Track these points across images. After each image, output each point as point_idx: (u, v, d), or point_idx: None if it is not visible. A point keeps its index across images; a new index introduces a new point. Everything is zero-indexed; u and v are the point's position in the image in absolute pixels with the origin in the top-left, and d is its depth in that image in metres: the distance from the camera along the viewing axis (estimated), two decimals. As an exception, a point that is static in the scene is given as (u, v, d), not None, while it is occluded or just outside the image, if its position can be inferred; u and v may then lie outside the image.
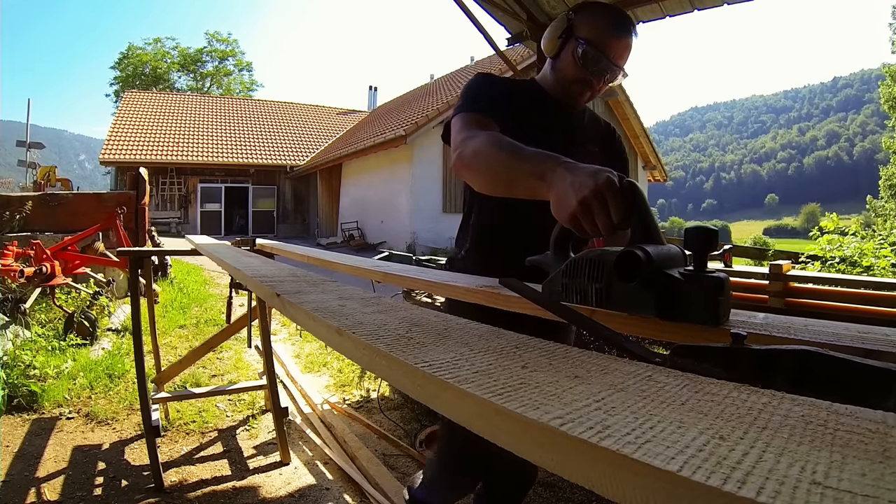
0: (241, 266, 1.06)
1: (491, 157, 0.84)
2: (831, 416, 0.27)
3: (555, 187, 0.65)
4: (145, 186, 5.85)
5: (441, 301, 2.68)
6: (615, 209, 0.58)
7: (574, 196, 0.60)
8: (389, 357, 0.39)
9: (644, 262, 0.53)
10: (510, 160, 0.78)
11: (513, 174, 0.77)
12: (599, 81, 1.07)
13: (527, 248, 1.09)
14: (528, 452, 0.26)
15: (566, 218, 0.62)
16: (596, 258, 0.60)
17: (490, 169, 0.84)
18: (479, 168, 0.87)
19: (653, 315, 0.55)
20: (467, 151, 0.90)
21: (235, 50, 35.32)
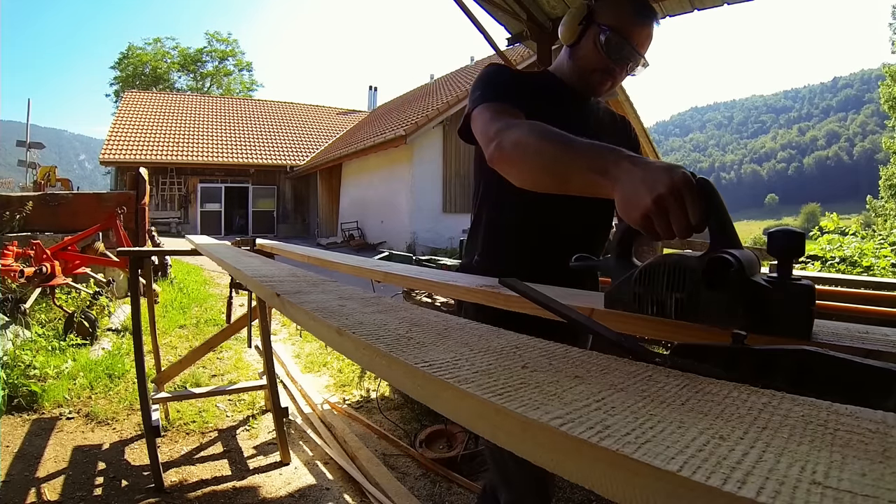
0: (241, 266, 1.06)
1: (539, 148, 0.75)
2: (831, 416, 0.27)
3: (621, 184, 0.59)
4: (145, 186, 5.85)
5: (441, 301, 2.68)
6: (693, 209, 0.53)
7: (648, 194, 0.55)
8: (389, 357, 0.39)
9: (736, 268, 0.48)
10: (562, 153, 0.71)
11: (566, 168, 0.70)
12: (622, 70, 1.03)
13: (550, 250, 1.06)
14: (529, 452, 0.26)
15: (637, 218, 0.57)
16: (676, 264, 0.54)
17: (538, 162, 0.76)
18: (525, 161, 0.79)
19: (741, 327, 0.48)
20: (508, 143, 0.81)
21: (235, 50, 35.34)
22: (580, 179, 0.68)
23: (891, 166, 17.16)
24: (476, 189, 1.16)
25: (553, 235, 1.08)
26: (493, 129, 0.87)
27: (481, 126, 0.92)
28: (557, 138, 0.74)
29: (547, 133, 0.77)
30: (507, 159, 0.83)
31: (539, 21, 4.95)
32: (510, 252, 1.10)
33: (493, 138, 0.85)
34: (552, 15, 4.85)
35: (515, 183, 0.83)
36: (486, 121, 0.91)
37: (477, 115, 0.96)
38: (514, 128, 0.83)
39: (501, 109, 0.93)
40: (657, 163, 0.58)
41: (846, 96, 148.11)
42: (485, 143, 0.88)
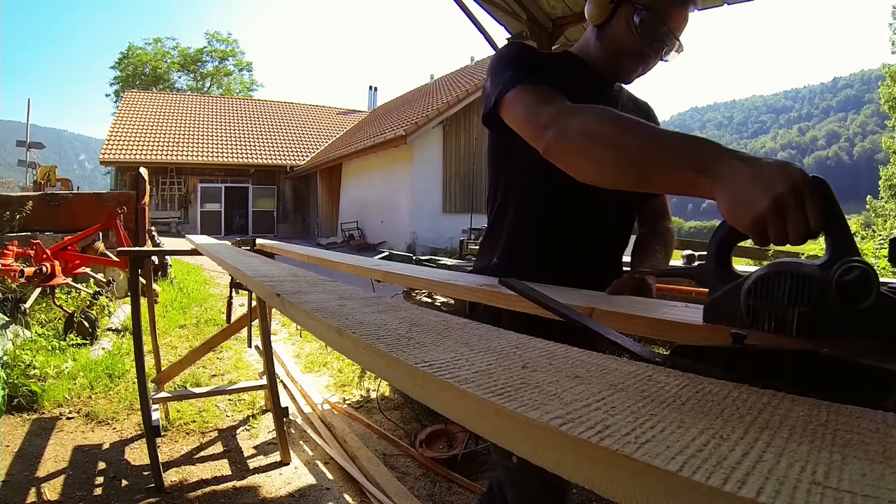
0: (242, 266, 1.06)
1: (617, 139, 0.66)
2: (831, 416, 0.27)
3: (726, 182, 0.53)
4: (145, 186, 5.85)
5: (442, 301, 2.68)
6: (813, 211, 0.47)
7: (763, 194, 0.49)
8: (389, 357, 0.39)
9: (877, 280, 0.43)
10: (648, 145, 0.63)
11: (652, 163, 0.62)
12: (656, 55, 0.93)
13: (585, 252, 0.99)
14: (529, 452, 0.26)
15: (750, 221, 0.50)
16: (799, 274, 0.48)
17: (615, 155, 0.66)
18: (597, 153, 0.68)
19: (875, 347, 0.44)
20: (572, 131, 0.71)
21: (235, 50, 35.35)
22: (670, 177, 0.60)
23: (891, 166, 17.15)
24: (495, 186, 1.05)
25: (600, 238, 1.03)
26: (546, 114, 0.76)
27: (524, 111, 0.81)
28: (639, 127, 0.66)
29: (623, 121, 0.68)
30: (573, 150, 0.72)
31: (539, 21, 4.95)
32: (531, 255, 1.01)
33: (548, 125, 0.74)
34: (552, 15, 4.85)
35: (579, 177, 0.73)
36: (531, 105, 0.80)
37: (513, 100, 0.84)
38: (577, 114, 0.73)
39: (544, 92, 0.82)
40: (767, 159, 0.52)
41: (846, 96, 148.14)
42: (534, 131, 0.78)
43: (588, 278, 0.93)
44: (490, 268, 1.04)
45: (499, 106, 0.88)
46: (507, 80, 0.86)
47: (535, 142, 0.78)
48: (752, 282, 0.50)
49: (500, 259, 1.03)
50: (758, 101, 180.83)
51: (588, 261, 1.00)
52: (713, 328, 0.53)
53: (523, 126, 0.82)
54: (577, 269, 0.97)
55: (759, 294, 0.50)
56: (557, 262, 1.00)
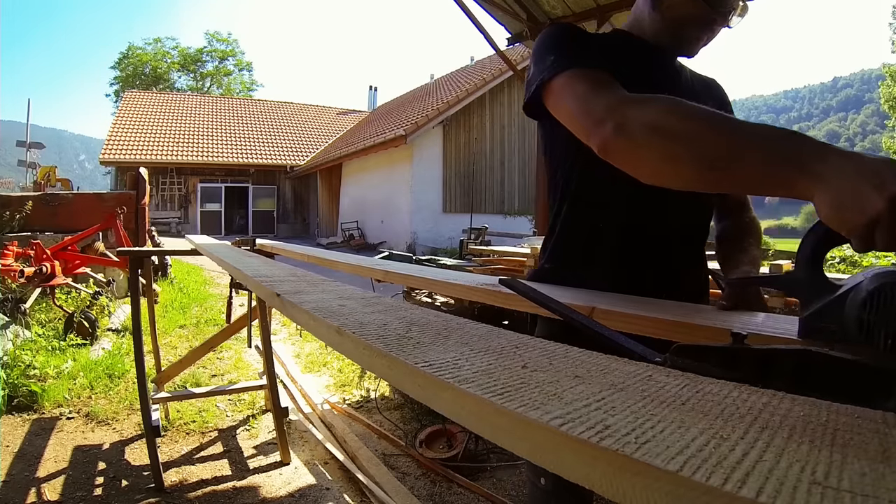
0: (242, 266, 1.06)
1: (692, 134, 0.57)
2: (831, 416, 0.27)
3: (830, 182, 0.47)
4: (145, 186, 5.86)
5: (442, 301, 2.68)
6: None
7: (877, 194, 0.43)
8: (389, 357, 0.39)
9: None
10: (730, 139, 0.55)
11: (738, 161, 0.54)
12: (723, 20, 0.83)
13: (656, 256, 0.87)
14: (529, 452, 0.26)
15: (860, 225, 0.44)
16: None
17: (691, 153, 0.57)
18: (667, 151, 0.59)
19: None
20: (636, 125, 0.62)
21: (235, 50, 35.35)
22: (758, 176, 0.53)
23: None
24: (553, 181, 0.93)
25: (668, 240, 0.89)
26: (601, 105, 0.67)
27: (575, 101, 0.71)
28: (717, 119, 0.57)
29: (698, 112, 0.59)
30: (637, 148, 0.62)
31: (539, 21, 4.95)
32: (587, 257, 0.88)
33: (604, 118, 0.65)
34: (552, 15, 4.85)
35: (644, 179, 0.63)
36: (583, 94, 0.71)
37: (562, 87, 0.74)
38: (640, 104, 0.64)
39: (598, 78, 0.72)
40: (869, 155, 0.47)
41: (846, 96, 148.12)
42: (587, 125, 0.68)
43: (664, 282, 0.84)
44: (538, 274, 0.93)
45: (543, 93, 0.78)
46: (553, 64, 0.75)
47: (588, 137, 0.68)
48: (868, 294, 0.44)
49: (553, 262, 0.92)
50: (758, 100, 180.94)
51: (660, 260, 0.87)
52: (714, 328, 0.53)
53: (573, 118, 0.72)
54: (650, 270, 0.85)
55: (877, 308, 0.43)
56: (621, 263, 0.87)
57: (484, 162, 12.52)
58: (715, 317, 0.60)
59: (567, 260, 0.90)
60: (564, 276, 0.88)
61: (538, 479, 0.84)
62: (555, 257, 0.92)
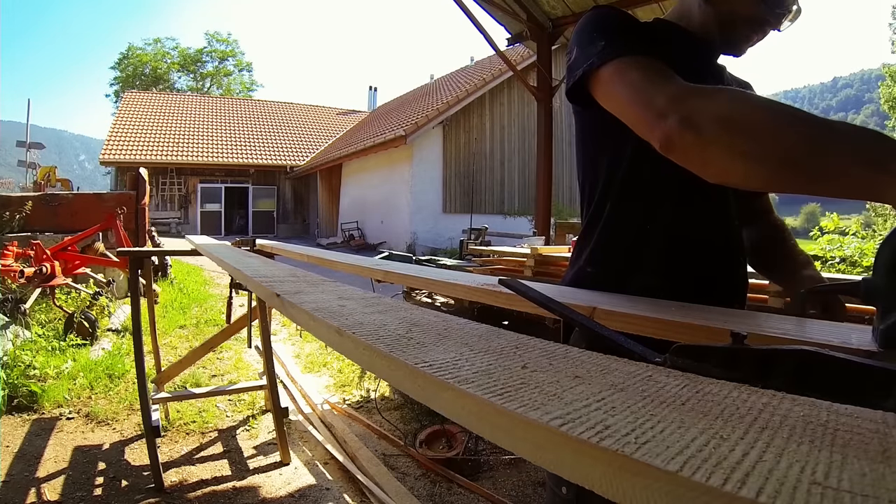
0: (242, 266, 1.06)
1: (769, 130, 0.52)
2: (831, 416, 0.27)
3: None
4: (145, 186, 5.86)
5: (441, 301, 2.68)
6: None
7: None
8: (389, 357, 0.39)
9: None
10: (812, 137, 0.50)
11: (821, 160, 0.49)
12: (776, 22, 0.78)
13: (703, 260, 0.82)
14: (529, 453, 0.26)
15: None
16: None
17: (768, 151, 0.52)
18: (742, 147, 0.53)
19: None
20: (702, 118, 0.56)
21: (235, 50, 35.37)
22: (842, 177, 0.48)
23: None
24: (592, 175, 0.86)
25: (721, 242, 0.84)
26: (662, 96, 0.61)
27: (632, 91, 0.65)
28: (796, 114, 0.52)
29: (773, 106, 0.54)
30: (707, 144, 0.56)
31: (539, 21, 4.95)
32: (634, 260, 0.81)
33: (667, 111, 0.59)
34: (552, 15, 4.86)
35: (713, 178, 0.58)
36: (640, 83, 0.64)
37: (613, 75, 0.68)
38: (707, 96, 0.59)
39: (654, 67, 0.65)
40: None
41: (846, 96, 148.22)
42: (649, 117, 0.61)
43: (707, 288, 0.80)
44: (578, 278, 0.86)
45: (590, 81, 0.72)
46: (603, 50, 0.69)
47: (647, 131, 0.62)
48: None
49: (594, 266, 0.85)
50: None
51: (705, 265, 0.82)
52: (715, 329, 0.53)
53: (628, 110, 0.66)
54: (696, 275, 0.81)
55: None
56: (669, 267, 0.81)
57: (484, 162, 12.52)
58: (715, 317, 0.60)
59: (610, 263, 0.83)
60: (609, 281, 0.81)
61: (559, 487, 0.81)
62: (595, 260, 0.84)
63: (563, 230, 4.24)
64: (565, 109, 13.81)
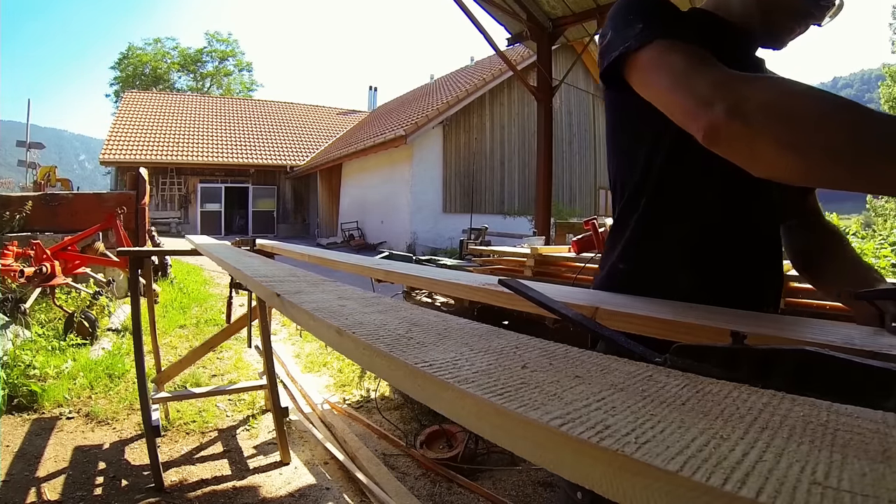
0: (242, 266, 1.06)
1: (820, 120, 0.49)
2: (831, 416, 0.27)
3: None
4: (145, 186, 5.86)
5: (442, 301, 2.68)
6: None
7: None
8: (389, 357, 0.39)
9: None
10: (866, 129, 0.47)
11: (877, 154, 0.46)
12: (820, 15, 0.74)
13: (743, 259, 0.77)
14: (529, 452, 0.26)
15: None
16: None
17: (819, 142, 0.49)
18: (794, 136, 0.50)
19: None
20: (750, 107, 0.53)
21: (235, 50, 35.38)
22: (891, 171, 0.45)
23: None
24: (625, 167, 0.81)
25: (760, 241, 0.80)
26: (707, 82, 0.57)
27: (672, 77, 0.61)
28: (848, 106, 0.49)
29: (825, 97, 0.51)
30: (755, 134, 0.52)
31: (539, 21, 4.95)
32: (670, 258, 0.77)
33: (712, 99, 0.55)
34: (552, 15, 4.86)
35: (758, 170, 0.55)
36: (683, 69, 0.60)
37: (652, 59, 0.64)
38: (753, 84, 0.55)
39: (696, 53, 0.61)
40: None
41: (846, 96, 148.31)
42: (692, 105, 0.58)
43: (748, 289, 0.76)
44: (611, 275, 0.82)
45: (625, 65, 0.68)
46: (641, 33, 0.66)
47: (689, 120, 0.58)
48: None
49: (627, 263, 0.80)
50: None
51: (746, 264, 0.78)
52: (714, 328, 0.53)
53: (668, 97, 0.62)
54: (737, 275, 0.77)
55: None
56: (708, 266, 0.76)
57: (484, 162, 12.53)
58: (715, 317, 0.60)
59: (645, 260, 0.78)
60: (643, 279, 0.77)
61: (574, 493, 0.79)
62: (628, 257, 0.80)
63: (563, 230, 4.24)
64: (565, 109, 13.83)
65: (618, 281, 0.79)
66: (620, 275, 0.80)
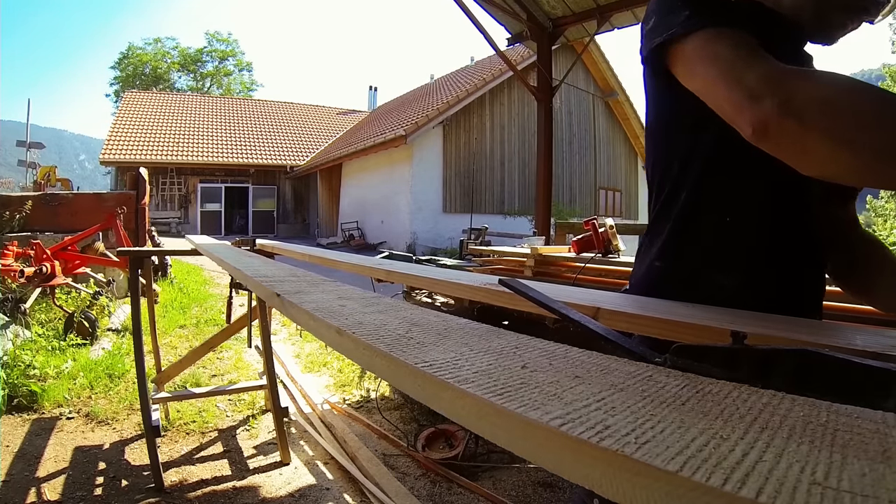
0: (242, 266, 1.06)
1: (881, 118, 0.48)
2: (831, 416, 0.27)
3: None
4: (145, 186, 5.86)
5: (442, 301, 2.68)
6: None
7: None
8: (389, 357, 0.39)
9: None
10: None
11: None
12: (875, 11, 0.71)
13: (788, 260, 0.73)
14: (529, 452, 0.26)
15: None
16: None
17: (879, 139, 0.47)
18: (849, 134, 0.49)
19: None
20: (805, 100, 0.51)
21: (235, 50, 35.39)
22: None
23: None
24: (666, 158, 0.77)
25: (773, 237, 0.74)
26: (757, 75, 0.54)
27: (720, 67, 0.58)
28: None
29: (884, 94, 0.50)
30: (808, 131, 0.50)
31: (539, 21, 4.95)
32: (709, 254, 0.73)
33: (763, 92, 0.53)
34: (552, 15, 4.85)
35: (809, 169, 0.53)
36: (732, 59, 0.58)
37: (699, 48, 0.61)
38: (807, 78, 0.53)
39: (748, 44, 0.58)
40: None
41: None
42: (741, 98, 0.55)
43: (791, 291, 0.73)
44: (649, 274, 0.78)
45: (668, 53, 0.66)
46: (687, 20, 0.62)
47: (738, 113, 0.56)
48: None
49: (664, 260, 0.76)
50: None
51: (795, 267, 0.75)
52: (714, 328, 0.53)
53: (714, 88, 0.59)
54: (781, 278, 0.73)
55: None
56: (750, 266, 0.73)
57: (484, 162, 12.53)
58: (715, 317, 0.60)
59: (684, 258, 0.75)
60: (680, 278, 0.74)
61: (591, 499, 0.78)
62: (666, 254, 0.76)
63: (563, 230, 4.24)
64: (565, 109, 13.83)
65: (656, 280, 0.76)
66: (656, 273, 0.76)
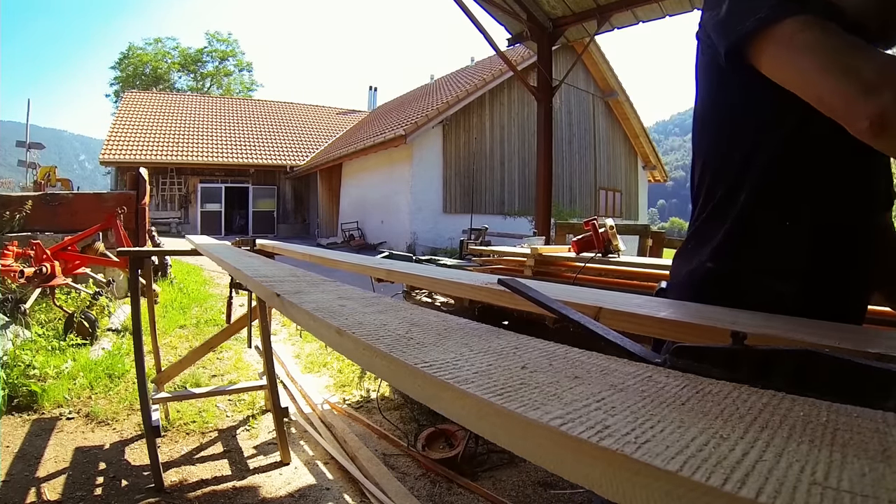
0: (242, 266, 1.06)
1: None
2: (831, 416, 0.27)
3: None
4: (145, 186, 5.86)
5: (442, 301, 2.68)
6: None
7: None
8: (389, 357, 0.39)
9: None
10: None
11: None
12: None
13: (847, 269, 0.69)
14: (529, 452, 0.26)
15: None
16: None
17: None
18: None
19: None
20: None
21: (235, 50, 35.38)
22: None
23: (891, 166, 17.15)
24: (726, 155, 0.73)
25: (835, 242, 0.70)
26: (872, 66, 0.50)
27: (824, 56, 0.54)
28: None
29: None
30: None
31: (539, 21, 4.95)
32: (768, 258, 0.70)
33: (878, 85, 0.49)
34: (552, 15, 4.86)
35: None
36: (840, 49, 0.53)
37: (795, 35, 0.57)
38: None
39: (844, 33, 0.55)
40: None
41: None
42: (855, 90, 0.51)
43: (846, 302, 0.70)
44: (696, 276, 0.74)
45: (752, 41, 0.60)
46: (777, 6, 0.58)
47: (845, 107, 0.51)
48: None
49: (719, 262, 0.72)
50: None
51: (849, 277, 0.71)
52: (714, 328, 0.53)
53: (818, 79, 0.54)
54: (837, 286, 0.69)
55: None
56: (808, 274, 0.69)
57: (484, 162, 12.53)
58: (715, 317, 0.60)
59: (741, 260, 0.71)
60: (734, 281, 0.71)
61: None
62: (722, 255, 0.72)
63: (563, 230, 4.24)
64: (565, 109, 13.83)
65: (706, 284, 0.73)
66: (707, 275, 0.73)
